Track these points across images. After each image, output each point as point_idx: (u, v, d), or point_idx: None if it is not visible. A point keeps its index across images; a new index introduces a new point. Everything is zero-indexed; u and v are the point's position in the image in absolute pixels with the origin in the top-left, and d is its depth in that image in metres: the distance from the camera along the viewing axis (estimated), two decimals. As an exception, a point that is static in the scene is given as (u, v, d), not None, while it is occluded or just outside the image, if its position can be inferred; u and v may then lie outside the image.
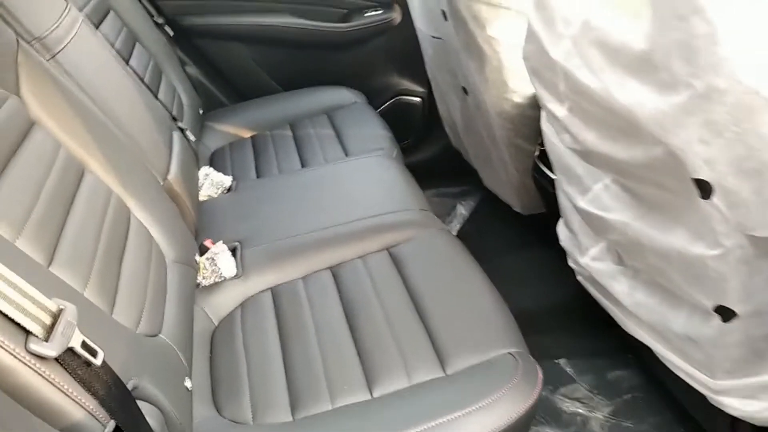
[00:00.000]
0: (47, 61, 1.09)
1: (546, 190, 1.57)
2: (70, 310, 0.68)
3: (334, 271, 1.25)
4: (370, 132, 1.79)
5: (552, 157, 1.33)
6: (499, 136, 1.65)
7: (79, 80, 1.14)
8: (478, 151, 1.89)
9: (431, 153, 2.34)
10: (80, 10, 1.46)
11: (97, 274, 0.87)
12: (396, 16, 2.11)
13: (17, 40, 1.02)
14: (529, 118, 1.56)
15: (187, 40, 2.05)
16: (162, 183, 1.26)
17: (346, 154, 1.69)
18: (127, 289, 0.92)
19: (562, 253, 1.42)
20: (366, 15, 2.11)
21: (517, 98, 1.56)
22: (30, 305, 0.63)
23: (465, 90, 1.73)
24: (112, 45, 1.46)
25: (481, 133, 1.76)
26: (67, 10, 1.27)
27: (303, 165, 1.69)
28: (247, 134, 1.94)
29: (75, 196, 0.96)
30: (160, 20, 1.93)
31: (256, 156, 1.79)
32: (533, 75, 1.16)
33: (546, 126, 1.30)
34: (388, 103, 2.26)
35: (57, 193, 0.92)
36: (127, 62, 1.55)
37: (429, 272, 1.19)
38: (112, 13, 1.69)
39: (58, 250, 0.83)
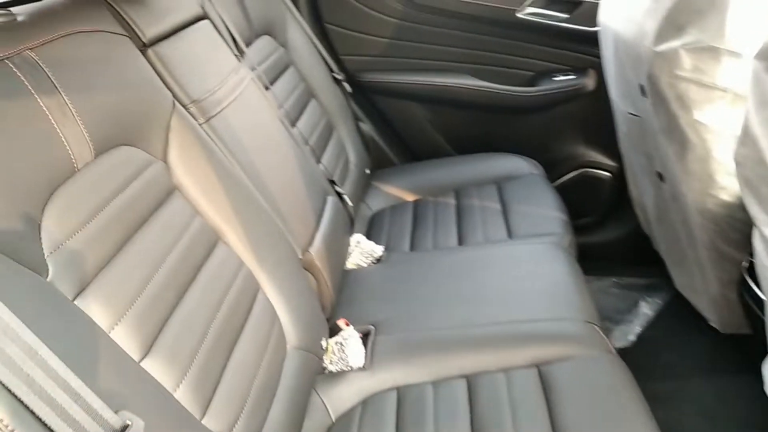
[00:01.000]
0: (201, 124, 1.08)
1: (753, 311, 1.26)
2: (137, 428, 0.60)
3: (470, 380, 1.07)
4: (542, 212, 1.60)
5: (764, 282, 1.05)
6: (698, 237, 1.37)
7: (230, 144, 1.11)
8: (671, 247, 1.60)
9: (615, 234, 2.07)
10: (257, 65, 1.48)
11: (198, 369, 0.79)
12: (589, 82, 1.90)
13: (173, 103, 1.02)
14: (738, 222, 1.28)
15: (363, 96, 2.03)
16: (301, 256, 1.19)
17: (510, 236, 1.52)
18: (228, 386, 0.83)
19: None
20: (555, 79, 1.94)
21: (725, 196, 1.28)
22: (88, 421, 0.56)
23: (660, 176, 1.48)
24: (281, 104, 1.45)
25: (676, 229, 1.49)
26: (234, 70, 1.27)
27: (460, 241, 1.54)
28: (410, 197, 1.84)
29: (200, 269, 0.92)
30: (340, 76, 1.92)
31: (414, 224, 1.68)
32: (746, 186, 0.91)
33: (759, 243, 1.03)
34: (570, 175, 2.05)
35: (179, 267, 0.87)
36: (295, 120, 1.54)
37: (582, 408, 0.97)
38: (291, 69, 1.71)
39: (158, 339, 0.77)
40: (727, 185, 1.26)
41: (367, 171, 1.88)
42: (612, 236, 2.07)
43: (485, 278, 1.31)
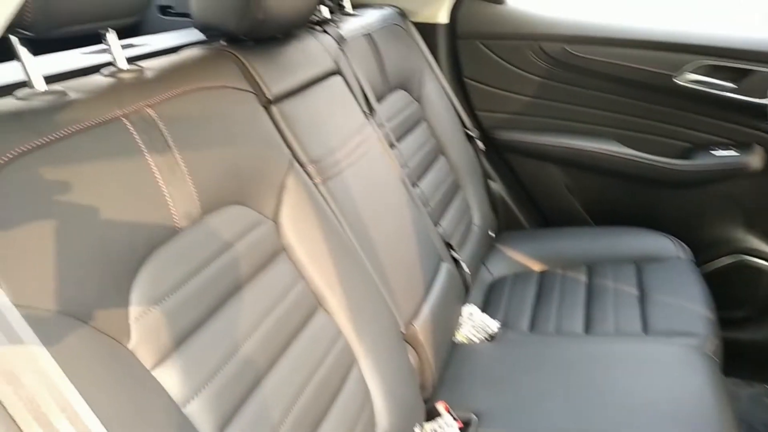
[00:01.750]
0: (316, 185, 1.04)
1: None
2: None
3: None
4: (686, 305, 1.40)
5: None
6: None
7: (343, 207, 1.07)
8: None
9: (770, 335, 1.80)
10: (387, 121, 1.44)
11: None
12: (754, 160, 1.68)
13: (291, 162, 0.99)
14: None
15: (497, 154, 1.94)
16: (404, 330, 1.11)
17: (645, 330, 1.34)
18: None
19: None
20: (714, 154, 1.73)
21: None
22: None
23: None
24: (406, 162, 1.40)
25: None
26: (360, 128, 1.23)
27: (587, 328, 1.39)
28: (537, 267, 1.71)
29: (294, 337, 0.87)
30: (474, 133, 1.85)
31: (537, 298, 1.54)
32: None
33: None
34: (722, 261, 1.81)
35: (273, 334, 0.83)
36: (419, 179, 1.48)
37: None
38: (423, 124, 1.67)
39: (237, 415, 0.72)
40: None
41: (492, 233, 1.77)
42: (765, 337, 1.80)
43: (610, 379, 1.15)
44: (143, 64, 0.87)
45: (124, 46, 1.17)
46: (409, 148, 1.52)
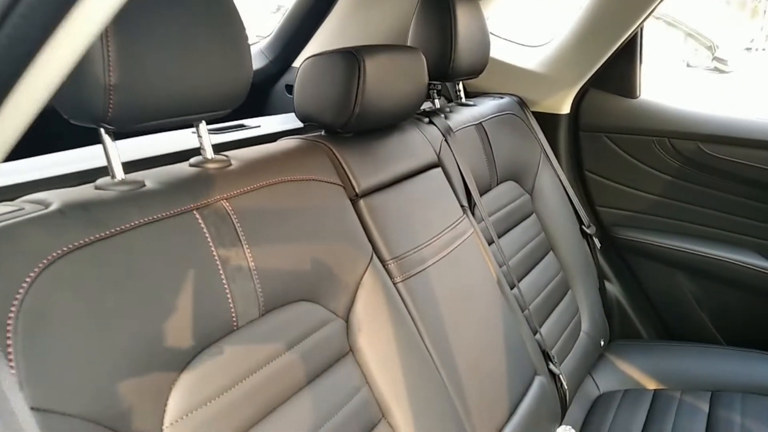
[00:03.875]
0: (396, 283, 1.00)
1: None
2: None
3: None
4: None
5: None
6: None
7: (423, 309, 1.01)
8: None
9: None
10: (491, 215, 1.38)
11: None
12: None
13: (372, 258, 0.96)
14: None
15: (616, 254, 1.79)
16: None
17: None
18: None
19: None
20: None
21: None
22: None
23: None
24: (506, 260, 1.32)
25: None
26: (455, 224, 1.18)
27: (703, 471, 1.20)
28: (652, 385, 1.53)
29: None
30: (591, 230, 1.73)
31: (649, 424, 1.37)
32: None
33: None
34: None
35: None
36: (519, 278, 1.39)
37: None
38: (532, 218, 1.58)
39: None
40: None
41: (603, 342, 1.61)
42: None
43: None
44: (233, 153, 0.89)
45: (222, 129, 1.23)
46: (514, 243, 1.44)
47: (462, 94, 1.60)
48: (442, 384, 0.97)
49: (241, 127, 1.29)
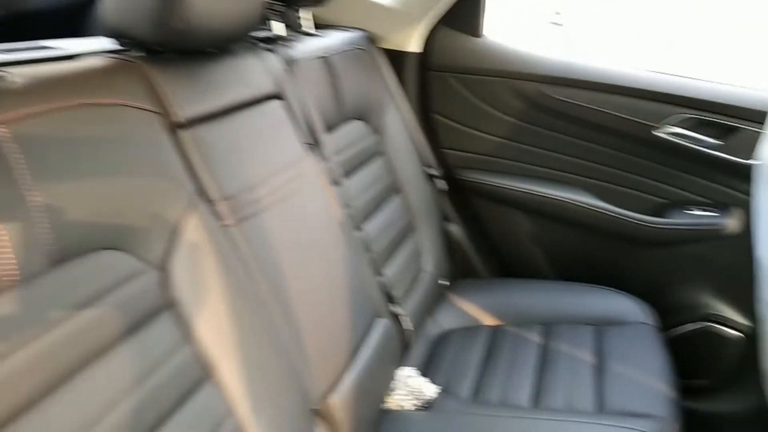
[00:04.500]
0: (226, 226, 0.89)
1: None
2: None
3: None
4: (647, 380, 1.27)
5: None
6: None
7: (259, 255, 0.92)
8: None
9: (732, 408, 1.68)
10: (336, 154, 1.31)
11: None
12: (731, 223, 1.57)
13: (196, 198, 0.84)
14: None
15: (459, 196, 1.81)
16: (318, 406, 0.95)
17: (600, 408, 1.20)
18: None
19: None
20: (689, 213, 1.62)
21: None
22: None
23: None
24: (351, 201, 1.26)
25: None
26: (297, 162, 1.09)
27: (535, 401, 1.25)
28: (489, 320, 1.57)
29: (167, 418, 0.72)
30: (436, 171, 1.72)
31: (485, 359, 1.41)
32: None
33: None
34: (687, 327, 1.70)
35: (140, 414, 0.68)
36: (364, 220, 1.34)
37: None
38: (380, 160, 1.54)
39: None
40: None
41: (445, 282, 1.63)
42: (729, 408, 1.68)
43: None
44: (19, 70, 0.73)
45: (14, 50, 1.02)
46: (359, 185, 1.38)
47: (311, 24, 1.49)
48: (278, 336, 0.90)
49: (42, 49, 1.08)
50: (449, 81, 1.74)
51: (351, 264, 1.13)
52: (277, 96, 1.14)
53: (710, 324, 1.68)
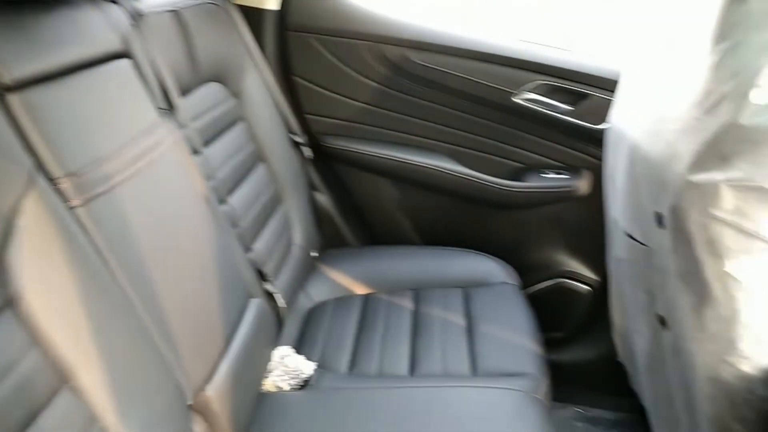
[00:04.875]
0: (73, 208, 0.76)
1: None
2: None
3: None
4: (515, 340, 1.32)
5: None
6: (701, 407, 1.11)
7: (112, 238, 0.79)
8: (661, 404, 1.34)
9: (586, 356, 1.83)
10: (193, 120, 1.18)
11: None
12: (582, 185, 1.67)
13: (34, 176, 0.71)
14: (759, 400, 1.03)
15: (325, 164, 1.75)
16: (192, 401, 0.86)
17: (474, 371, 1.23)
18: None
19: None
20: (544, 176, 1.69)
21: (747, 368, 1.03)
22: None
23: (662, 321, 1.22)
24: (213, 173, 1.15)
25: (670, 387, 1.22)
26: (150, 130, 0.96)
27: (411, 369, 1.25)
28: (361, 289, 1.55)
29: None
30: (301, 138, 1.64)
31: (359, 329, 1.38)
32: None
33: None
34: (545, 284, 1.80)
35: None
36: (229, 193, 1.24)
37: None
38: (241, 125, 1.43)
39: None
40: (753, 355, 1.01)
41: (314, 253, 1.58)
42: (582, 357, 1.83)
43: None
44: None
45: None
46: (221, 153, 1.27)
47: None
48: (142, 328, 0.79)
49: None
50: (310, 42, 1.66)
51: (219, 242, 1.04)
52: (124, 55, 0.99)
53: (564, 280, 1.79)
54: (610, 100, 1.39)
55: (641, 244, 1.23)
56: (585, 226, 1.69)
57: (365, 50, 1.65)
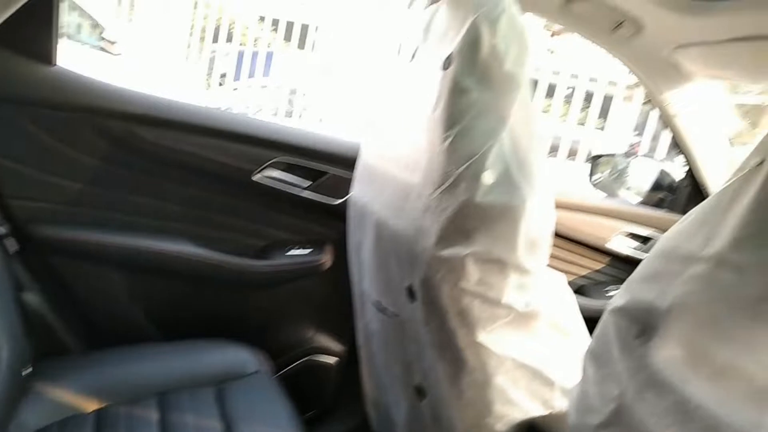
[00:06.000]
0: None
1: None
2: None
3: None
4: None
5: None
6: (465, 470, 1.14)
7: None
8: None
9: (343, 430, 1.82)
10: None
11: None
12: (326, 259, 1.67)
13: None
14: (516, 456, 1.10)
15: (35, 257, 1.47)
16: None
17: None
18: None
19: None
20: (289, 254, 1.66)
21: (502, 427, 1.10)
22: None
23: (420, 391, 1.24)
24: None
25: (435, 454, 1.25)
26: None
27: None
28: (92, 405, 1.30)
29: None
30: (2, 229, 1.36)
31: (94, 455, 1.15)
32: None
33: None
34: (296, 365, 1.76)
35: None
36: None
37: None
38: None
39: None
40: (506, 414, 1.08)
41: (27, 370, 1.29)
42: (339, 430, 1.82)
43: None
44: None
45: None
46: None
47: None
48: None
49: None
50: (13, 116, 1.41)
51: None
52: None
53: (312, 357, 1.77)
54: (349, 176, 1.42)
55: (395, 315, 1.25)
56: (330, 298, 1.70)
57: (84, 124, 1.45)
